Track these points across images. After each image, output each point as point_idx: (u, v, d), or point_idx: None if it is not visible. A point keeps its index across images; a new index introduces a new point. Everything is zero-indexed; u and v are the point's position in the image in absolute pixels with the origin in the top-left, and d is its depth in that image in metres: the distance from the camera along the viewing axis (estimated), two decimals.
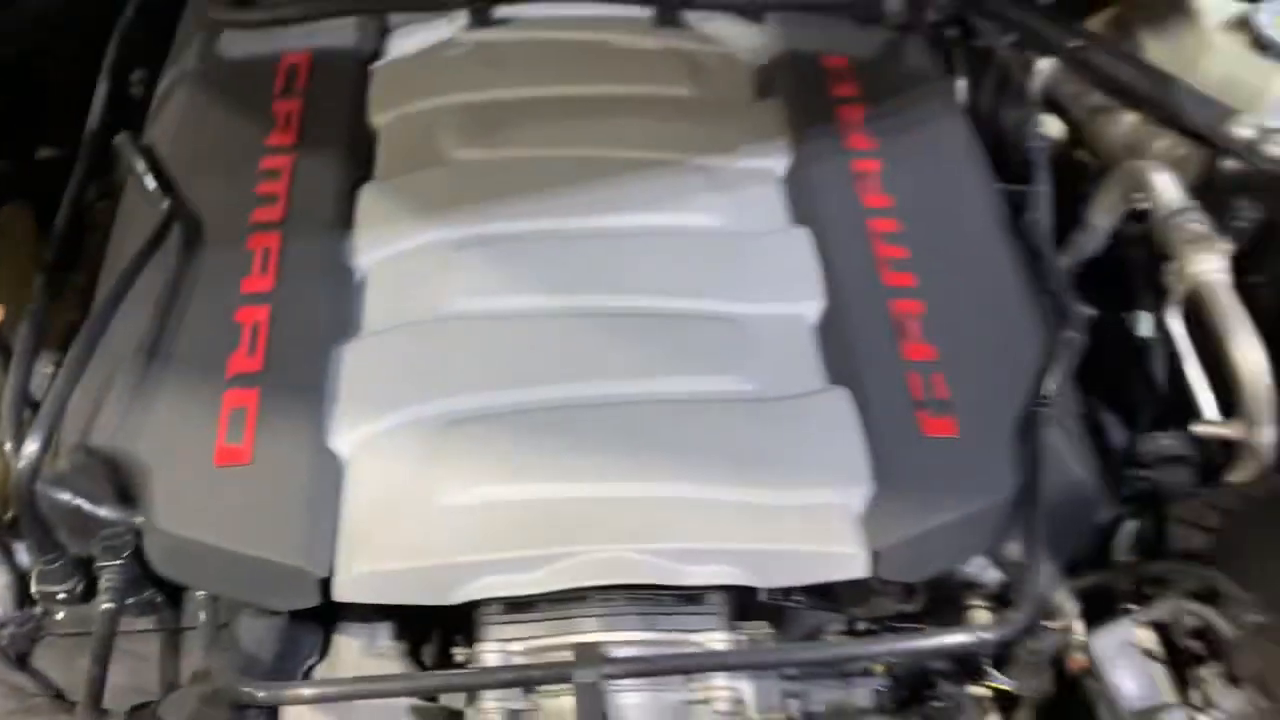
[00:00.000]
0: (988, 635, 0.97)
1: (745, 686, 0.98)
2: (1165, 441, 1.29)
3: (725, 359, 1.07)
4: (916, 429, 1.04)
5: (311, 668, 1.09)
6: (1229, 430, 1.30)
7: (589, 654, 0.92)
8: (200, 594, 1.02)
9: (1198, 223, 1.36)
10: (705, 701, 0.97)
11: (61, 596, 1.06)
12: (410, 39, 1.37)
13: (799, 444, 1.02)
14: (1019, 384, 1.08)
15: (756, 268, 1.15)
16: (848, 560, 0.97)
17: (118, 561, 1.00)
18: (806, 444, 1.02)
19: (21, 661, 1.06)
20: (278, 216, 1.15)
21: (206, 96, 1.28)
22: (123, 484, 1.02)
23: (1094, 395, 1.57)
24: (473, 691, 0.97)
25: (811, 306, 1.13)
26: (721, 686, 0.97)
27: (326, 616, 1.07)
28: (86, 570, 1.06)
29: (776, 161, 1.26)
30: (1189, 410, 1.36)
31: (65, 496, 1.01)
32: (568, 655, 0.94)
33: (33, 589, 1.06)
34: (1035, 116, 1.56)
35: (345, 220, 1.18)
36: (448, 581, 0.96)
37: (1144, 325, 1.45)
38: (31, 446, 0.98)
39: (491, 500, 0.97)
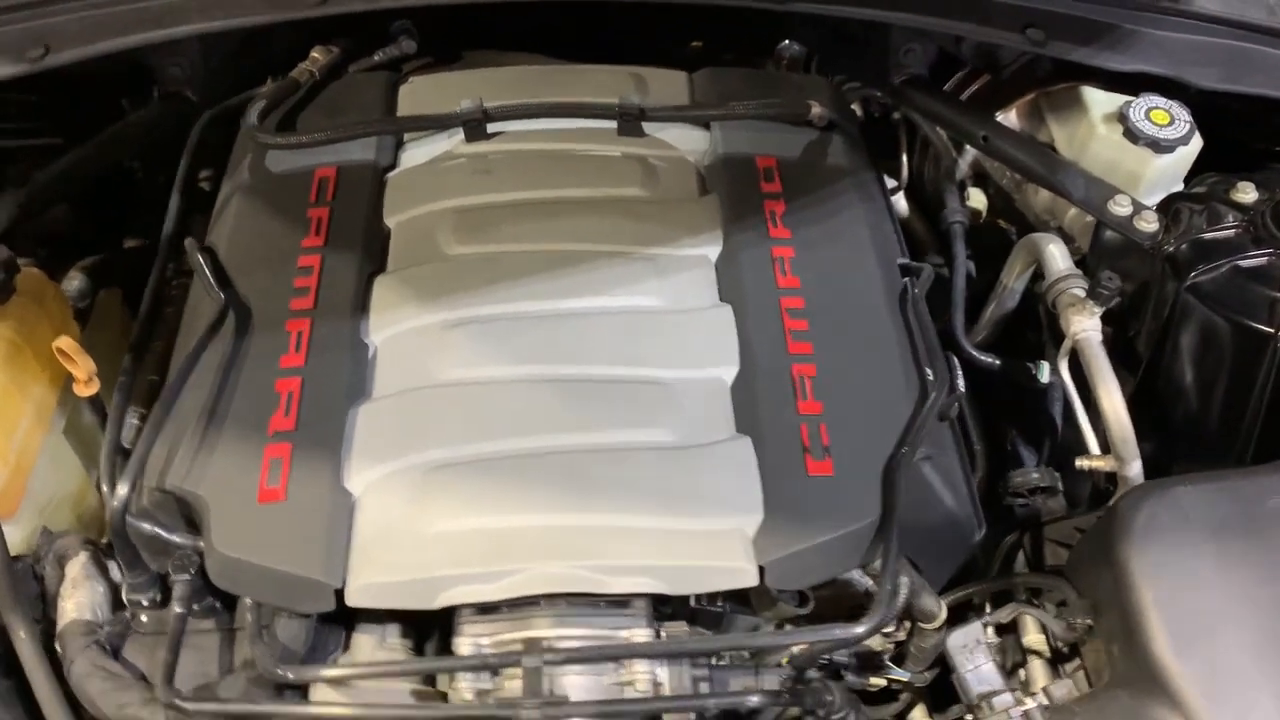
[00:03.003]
0: (839, 635, 1.22)
1: (661, 672, 1.24)
2: (1034, 475, 1.54)
3: (652, 415, 1.32)
4: (802, 469, 1.28)
5: (335, 659, 1.38)
6: (1105, 464, 1.55)
7: (534, 645, 1.20)
8: (248, 601, 1.29)
9: (1077, 288, 1.61)
10: (630, 684, 1.24)
11: (145, 604, 1.34)
12: (419, 151, 1.64)
13: (706, 483, 1.27)
14: (890, 432, 1.32)
15: (686, 339, 1.40)
16: (740, 573, 1.22)
17: (186, 576, 1.27)
18: (712, 482, 1.27)
19: (115, 653, 1.31)
20: (309, 305, 1.42)
21: (255, 205, 1.56)
22: (189, 517, 1.30)
23: (1011, 430, 1.84)
24: (450, 674, 1.23)
25: (729, 370, 1.38)
26: (642, 672, 1.23)
27: (348, 620, 1.33)
28: (163, 583, 1.34)
29: (710, 249, 1.51)
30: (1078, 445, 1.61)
31: (147, 527, 1.29)
32: (520, 647, 1.21)
33: (124, 598, 1.36)
34: (956, 196, 1.83)
35: (362, 306, 1.43)
36: (431, 590, 1.21)
37: (1044, 372, 1.70)
38: (123, 490, 1.26)
39: (464, 529, 1.23)
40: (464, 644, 1.24)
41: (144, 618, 1.36)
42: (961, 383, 1.48)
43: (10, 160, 1.81)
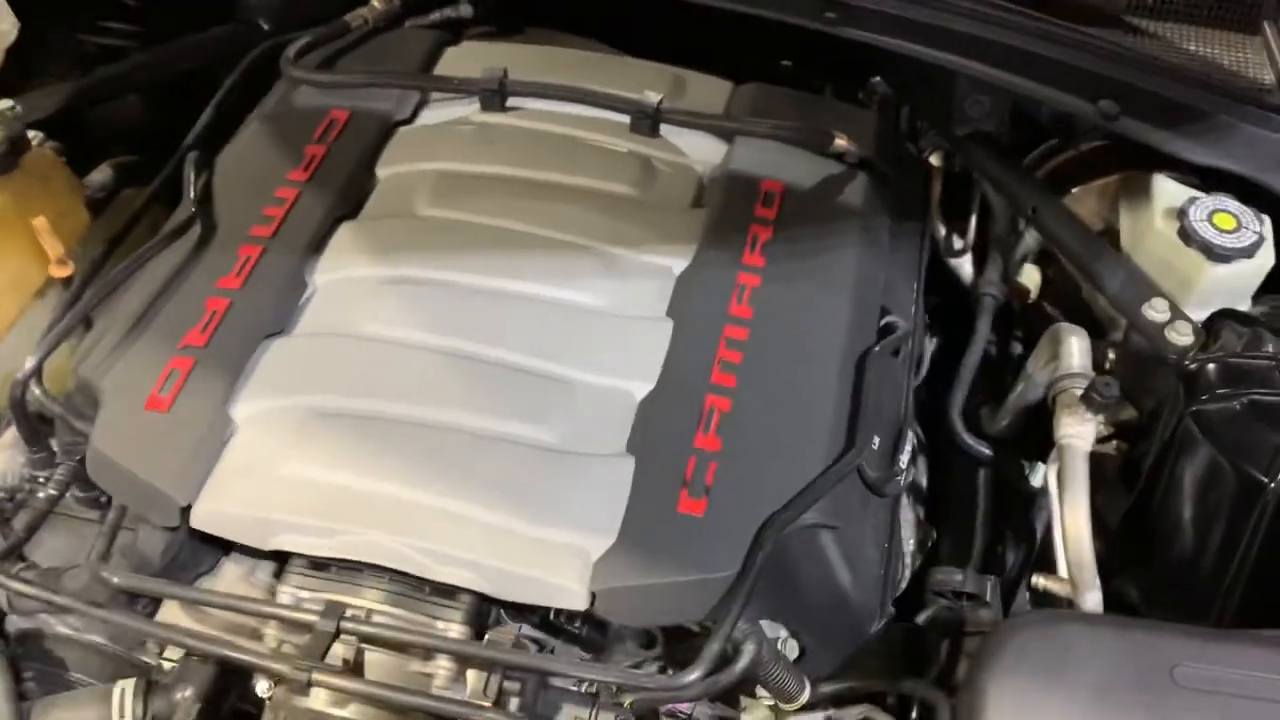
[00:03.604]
0: (644, 682, 1.12)
1: (469, 674, 1.18)
2: (956, 576, 1.38)
3: (543, 412, 1.26)
4: (672, 504, 1.19)
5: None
6: (1059, 587, 1.38)
7: (333, 610, 1.16)
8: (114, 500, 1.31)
9: (1078, 389, 1.45)
10: (431, 677, 1.19)
11: (41, 480, 1.38)
12: (438, 112, 1.63)
13: (569, 493, 1.20)
14: (788, 489, 1.21)
15: (610, 346, 1.33)
16: (568, 593, 1.14)
17: (70, 462, 1.32)
18: (575, 494, 1.20)
19: (3, 521, 1.36)
20: (268, 234, 1.42)
21: (264, 132, 1.58)
22: (95, 406, 1.35)
23: (1008, 532, 1.67)
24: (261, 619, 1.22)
25: (643, 386, 1.30)
26: (445, 668, 1.18)
27: (227, 547, 1.33)
28: None
29: (677, 261, 1.42)
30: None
31: (56, 409, 1.34)
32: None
33: (23, 471, 1.40)
34: (998, 267, 1.68)
35: (319, 247, 1.43)
36: (264, 531, 1.20)
37: (1038, 474, 1.53)
38: (30, 363, 1.30)
39: (313, 479, 1.20)
40: (284, 593, 1.22)
41: (40, 494, 1.39)
42: (905, 459, 1.35)
43: (101, 57, 1.92)
